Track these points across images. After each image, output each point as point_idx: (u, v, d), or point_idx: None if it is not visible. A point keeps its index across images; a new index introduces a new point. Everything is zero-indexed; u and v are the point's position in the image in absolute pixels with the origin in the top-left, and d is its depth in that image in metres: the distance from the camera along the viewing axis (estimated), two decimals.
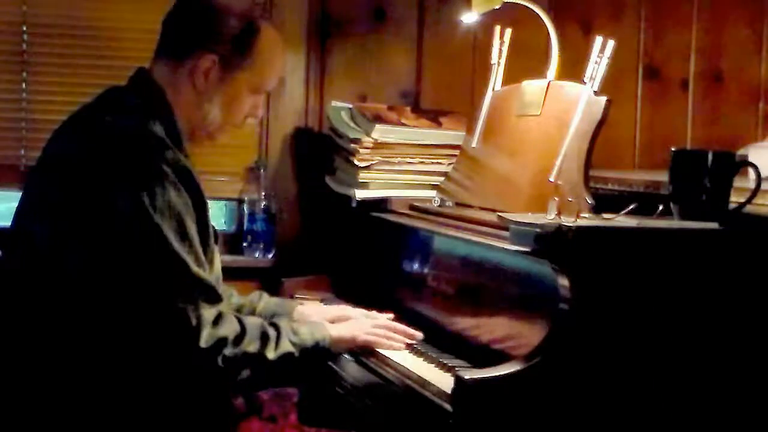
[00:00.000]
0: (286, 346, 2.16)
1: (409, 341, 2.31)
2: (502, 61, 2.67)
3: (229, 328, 2.08)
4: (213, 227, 2.22)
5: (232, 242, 3.15)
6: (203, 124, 2.25)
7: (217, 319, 2.07)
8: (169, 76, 2.23)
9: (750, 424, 2.01)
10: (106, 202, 2.03)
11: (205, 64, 2.20)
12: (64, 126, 2.24)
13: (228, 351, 2.07)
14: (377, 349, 2.29)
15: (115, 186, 2.04)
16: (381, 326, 2.33)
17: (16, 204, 2.29)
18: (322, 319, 2.35)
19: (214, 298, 2.10)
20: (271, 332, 2.15)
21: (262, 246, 3.13)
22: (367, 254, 2.83)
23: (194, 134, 2.25)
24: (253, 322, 2.16)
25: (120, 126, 2.12)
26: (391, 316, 2.42)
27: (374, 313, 2.43)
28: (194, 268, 2.06)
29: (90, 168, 2.07)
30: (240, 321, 2.12)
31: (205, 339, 2.04)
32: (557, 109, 2.38)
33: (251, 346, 2.11)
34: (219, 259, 2.26)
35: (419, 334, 2.34)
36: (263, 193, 3.14)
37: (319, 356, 2.23)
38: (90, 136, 2.13)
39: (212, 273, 2.17)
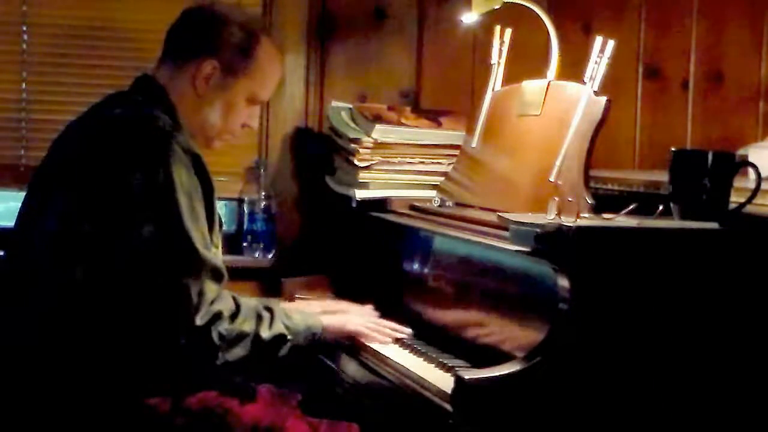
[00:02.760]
0: (279, 328, 2.23)
1: (398, 336, 2.38)
2: (502, 61, 2.67)
3: (224, 306, 2.14)
4: (219, 215, 2.28)
5: (232, 242, 3.14)
6: (202, 129, 2.33)
7: (216, 298, 2.13)
8: (171, 80, 2.31)
9: (750, 424, 2.01)
10: (121, 179, 2.10)
11: (206, 69, 2.30)
12: (72, 126, 2.31)
13: (223, 327, 2.12)
14: (378, 350, 2.29)
15: (129, 164, 2.11)
16: (370, 321, 2.42)
17: (16, 204, 2.30)
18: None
19: (219, 276, 2.16)
20: (265, 313, 2.22)
21: (262, 246, 3.13)
22: (367, 254, 2.83)
23: (193, 137, 2.29)
24: (247, 302, 2.22)
25: (131, 114, 2.21)
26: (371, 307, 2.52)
27: (365, 307, 2.51)
28: (201, 247, 2.12)
29: (104, 151, 2.14)
30: (235, 299, 2.18)
31: (201, 316, 2.09)
32: (557, 109, 2.38)
33: (246, 324, 2.17)
34: (221, 246, 2.31)
35: (407, 330, 2.39)
36: (263, 193, 3.14)
37: (309, 342, 2.29)
38: (102, 127, 2.20)
39: (216, 257, 2.21)
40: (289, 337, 2.23)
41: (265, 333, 2.19)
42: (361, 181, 2.88)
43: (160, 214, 2.09)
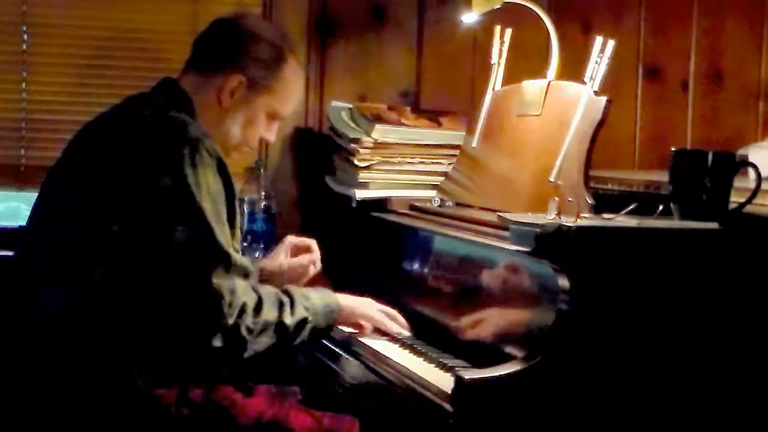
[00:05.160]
0: (300, 312, 2.24)
1: (404, 331, 2.41)
2: (502, 61, 2.67)
3: (248, 298, 2.15)
4: (240, 222, 2.32)
5: None
6: (222, 140, 2.34)
7: (240, 294, 2.14)
8: (195, 89, 2.33)
9: (750, 424, 2.01)
10: (150, 181, 2.11)
11: (232, 84, 2.33)
12: (92, 127, 2.31)
13: (249, 321, 2.14)
14: (378, 350, 2.30)
15: (158, 167, 2.12)
16: (383, 310, 2.44)
17: (16, 204, 2.30)
18: (281, 259, 2.56)
19: (247, 275, 2.18)
20: (285, 299, 2.24)
21: (262, 246, 3.13)
22: (367, 254, 2.83)
23: None
24: (267, 290, 2.23)
25: (160, 115, 2.22)
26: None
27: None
28: (228, 248, 2.14)
29: (132, 152, 2.16)
30: (255, 290, 2.20)
31: (231, 315, 2.11)
32: (557, 109, 2.38)
33: (270, 314, 2.19)
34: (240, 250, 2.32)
35: (407, 332, 2.41)
36: (263, 193, 3.14)
37: (328, 322, 2.31)
38: (130, 128, 2.22)
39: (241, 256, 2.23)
40: (309, 318, 2.25)
41: (288, 319, 2.21)
42: (361, 181, 2.88)
43: (189, 217, 2.11)
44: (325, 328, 2.32)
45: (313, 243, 2.61)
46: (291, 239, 2.62)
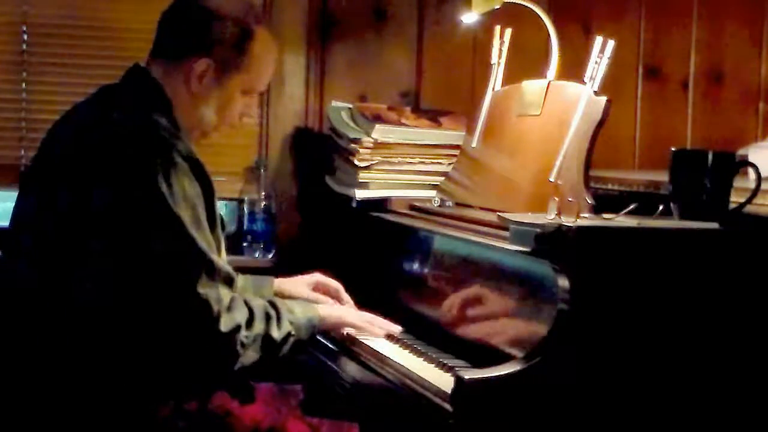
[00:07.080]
0: (286, 326, 2.21)
1: (392, 331, 2.40)
2: (502, 61, 2.67)
3: (241, 313, 2.13)
4: (221, 216, 2.26)
5: (232, 242, 3.14)
6: (199, 125, 2.29)
7: (230, 304, 2.11)
8: (165, 76, 2.25)
9: (750, 424, 2.01)
10: (124, 192, 2.07)
11: (200, 68, 2.23)
12: (62, 125, 2.26)
13: (242, 335, 2.11)
14: (378, 350, 2.30)
15: (132, 176, 2.07)
16: (366, 315, 2.43)
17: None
18: (301, 289, 2.52)
19: (230, 281, 2.15)
20: (272, 312, 2.20)
21: (262, 246, 3.13)
22: (367, 254, 2.83)
23: (189, 132, 2.27)
24: (257, 304, 2.20)
25: (130, 120, 2.15)
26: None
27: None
28: (211, 254, 2.11)
29: (105, 162, 2.09)
30: (247, 303, 2.16)
31: (224, 323, 2.08)
32: (557, 109, 2.38)
33: (259, 328, 2.16)
34: (224, 247, 2.30)
35: (398, 328, 2.41)
36: (263, 193, 3.14)
37: (309, 334, 2.29)
38: (100, 133, 2.14)
39: (224, 263, 2.20)
40: (293, 332, 2.22)
41: (275, 333, 2.17)
42: (361, 181, 2.88)
43: (167, 228, 2.06)
44: (307, 340, 2.29)
45: (341, 289, 2.56)
46: (319, 278, 2.57)
